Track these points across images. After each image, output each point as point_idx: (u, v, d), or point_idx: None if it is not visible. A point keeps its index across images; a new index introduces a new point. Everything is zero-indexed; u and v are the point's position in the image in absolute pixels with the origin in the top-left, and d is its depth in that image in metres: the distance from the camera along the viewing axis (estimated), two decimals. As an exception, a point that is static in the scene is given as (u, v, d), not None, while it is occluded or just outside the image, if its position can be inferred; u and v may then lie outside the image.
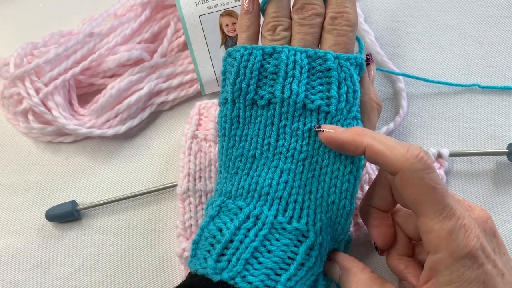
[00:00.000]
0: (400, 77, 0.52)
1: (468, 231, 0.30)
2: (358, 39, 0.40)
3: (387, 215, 0.38)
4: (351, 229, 0.44)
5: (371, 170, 0.46)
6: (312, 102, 0.35)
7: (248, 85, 0.36)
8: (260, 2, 0.39)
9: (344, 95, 0.36)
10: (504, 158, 0.49)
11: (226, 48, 0.51)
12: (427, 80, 0.51)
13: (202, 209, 0.46)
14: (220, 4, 0.51)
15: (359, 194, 0.45)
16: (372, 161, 0.33)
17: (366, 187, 0.45)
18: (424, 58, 0.53)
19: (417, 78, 0.51)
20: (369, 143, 0.32)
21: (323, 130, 0.35)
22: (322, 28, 0.38)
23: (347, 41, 0.37)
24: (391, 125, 0.50)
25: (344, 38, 0.37)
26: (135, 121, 0.52)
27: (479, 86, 0.51)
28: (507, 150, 0.48)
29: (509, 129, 0.50)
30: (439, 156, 0.47)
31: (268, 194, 0.35)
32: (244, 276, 0.31)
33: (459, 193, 0.48)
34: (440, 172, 0.46)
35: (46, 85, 0.50)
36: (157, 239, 0.48)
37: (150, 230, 0.49)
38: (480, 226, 0.32)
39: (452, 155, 0.48)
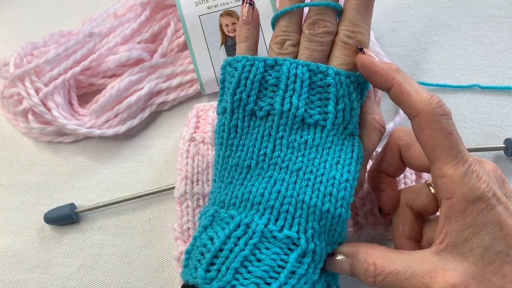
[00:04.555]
0: (400, 77, 0.52)
1: (479, 175, 0.31)
2: None
3: (394, 181, 0.40)
4: (351, 229, 0.44)
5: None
6: (311, 116, 0.36)
7: (249, 96, 0.36)
8: (258, 13, 0.39)
9: (341, 112, 0.36)
10: (501, 153, 0.49)
11: (226, 48, 0.51)
12: (426, 84, 0.52)
13: (199, 212, 0.45)
14: (220, 4, 0.51)
15: (358, 194, 0.45)
16: (396, 100, 0.34)
17: (366, 187, 0.45)
18: (424, 58, 0.53)
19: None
20: (399, 81, 0.33)
21: (364, 53, 0.35)
22: (332, 42, 0.38)
23: (355, 62, 0.37)
24: (391, 125, 0.50)
25: (353, 59, 0.37)
26: (135, 121, 0.52)
27: (479, 86, 0.51)
28: (504, 145, 0.48)
29: (509, 129, 0.50)
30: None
31: (260, 203, 0.35)
32: (234, 286, 0.31)
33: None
34: None
35: (46, 85, 0.50)
36: (157, 239, 0.48)
37: (150, 230, 0.49)
38: (490, 174, 0.33)
39: (451, 154, 0.48)
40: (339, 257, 0.35)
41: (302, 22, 0.39)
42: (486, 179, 0.31)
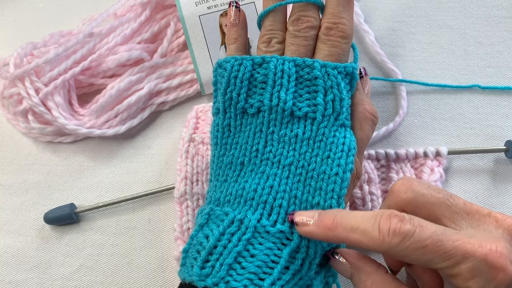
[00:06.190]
0: (400, 77, 0.52)
1: (492, 262, 0.28)
2: (353, 48, 0.41)
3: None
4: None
5: (369, 169, 0.46)
6: (300, 109, 0.36)
7: (239, 95, 0.37)
8: (245, 15, 0.41)
9: (331, 103, 0.36)
10: (502, 155, 0.49)
11: (225, 49, 0.51)
12: (426, 84, 0.52)
13: (198, 212, 0.46)
14: (220, 4, 0.51)
15: (358, 194, 0.45)
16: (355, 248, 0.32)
17: (366, 187, 0.45)
18: (424, 58, 0.53)
19: (415, 82, 0.51)
20: (342, 236, 0.31)
21: (297, 224, 0.33)
22: (317, 37, 0.39)
23: (341, 53, 0.38)
24: (391, 125, 0.50)
25: (337, 50, 0.38)
26: (135, 121, 0.52)
27: (479, 86, 0.51)
28: (505, 147, 0.48)
29: (509, 130, 0.50)
30: (438, 154, 0.47)
31: (253, 199, 0.35)
32: (228, 282, 0.31)
33: (458, 192, 0.48)
34: (439, 170, 0.46)
35: (46, 85, 0.50)
36: (156, 239, 0.48)
37: (150, 230, 0.49)
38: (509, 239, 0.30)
39: (450, 153, 0.48)
40: (344, 264, 0.35)
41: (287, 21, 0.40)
42: (504, 264, 0.28)
